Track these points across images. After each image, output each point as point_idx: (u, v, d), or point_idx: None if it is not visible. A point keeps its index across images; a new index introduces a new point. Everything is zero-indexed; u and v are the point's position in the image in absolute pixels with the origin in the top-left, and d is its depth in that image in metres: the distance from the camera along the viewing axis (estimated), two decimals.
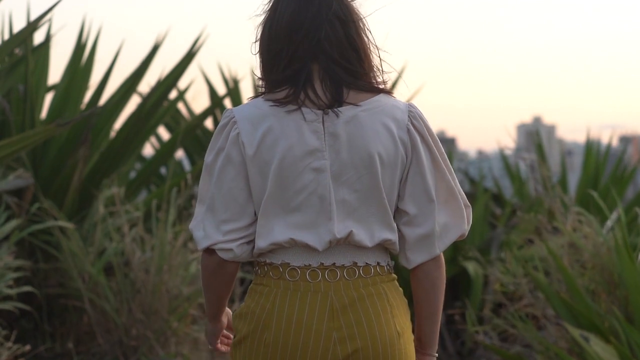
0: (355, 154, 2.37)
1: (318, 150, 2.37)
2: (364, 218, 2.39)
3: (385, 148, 2.38)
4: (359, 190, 2.38)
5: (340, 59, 2.39)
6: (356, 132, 2.37)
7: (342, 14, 2.41)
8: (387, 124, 2.39)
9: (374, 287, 2.40)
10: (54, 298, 5.66)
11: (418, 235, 2.41)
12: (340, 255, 2.40)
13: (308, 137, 2.36)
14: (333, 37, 2.39)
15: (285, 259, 2.40)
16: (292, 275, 2.39)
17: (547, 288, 4.42)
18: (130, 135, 5.96)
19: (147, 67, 6.19)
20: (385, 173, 2.39)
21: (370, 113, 2.38)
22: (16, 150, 4.15)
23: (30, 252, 5.69)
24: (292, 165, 2.36)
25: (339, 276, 2.39)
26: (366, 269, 2.41)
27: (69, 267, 5.44)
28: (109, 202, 5.72)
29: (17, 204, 5.49)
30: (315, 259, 2.39)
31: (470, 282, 7.23)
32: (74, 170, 5.65)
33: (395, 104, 2.41)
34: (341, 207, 2.37)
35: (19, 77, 5.70)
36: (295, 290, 2.38)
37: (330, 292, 2.38)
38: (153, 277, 5.37)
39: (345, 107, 2.38)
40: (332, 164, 2.37)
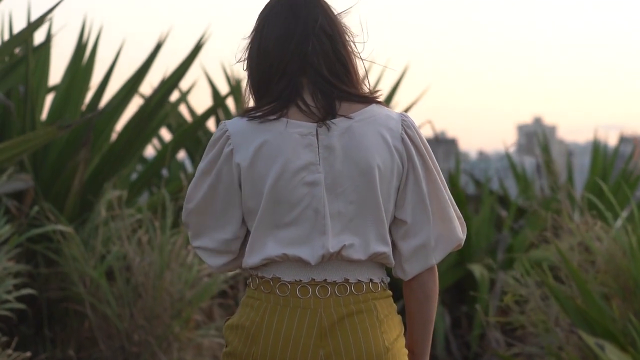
0: (351, 165, 2.38)
1: (312, 164, 2.38)
2: (360, 229, 2.39)
3: (382, 157, 2.39)
4: (355, 201, 2.38)
5: (328, 72, 2.41)
6: (351, 143, 2.38)
7: (329, 28, 2.43)
8: (382, 134, 2.40)
9: (365, 304, 2.40)
10: (55, 303, 5.62)
11: (414, 246, 2.42)
12: (332, 271, 2.40)
13: (302, 151, 2.38)
14: (320, 51, 2.41)
15: (277, 273, 2.41)
16: (283, 290, 2.40)
17: (559, 294, 4.33)
18: (132, 137, 5.92)
19: (148, 67, 6.16)
20: (382, 183, 2.39)
21: (364, 123, 2.40)
22: (17, 153, 4.11)
23: (30, 256, 5.65)
24: (287, 180, 2.37)
25: (329, 293, 2.39)
26: (358, 286, 2.41)
27: (70, 271, 5.41)
28: (110, 205, 5.68)
29: (16, 208, 5.46)
30: (307, 275, 2.40)
31: (476, 286, 7.17)
32: (75, 173, 5.62)
33: (388, 114, 2.44)
34: (336, 219, 2.38)
35: (19, 77, 5.67)
36: (285, 305, 2.40)
37: (320, 309, 2.39)
38: (154, 280, 5.34)
39: (339, 119, 2.39)
40: (326, 176, 2.38)
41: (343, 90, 2.41)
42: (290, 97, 2.40)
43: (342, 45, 2.44)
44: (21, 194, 5.54)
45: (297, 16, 2.44)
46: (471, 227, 7.45)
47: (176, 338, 5.39)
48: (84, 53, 6.17)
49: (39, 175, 5.80)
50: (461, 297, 7.61)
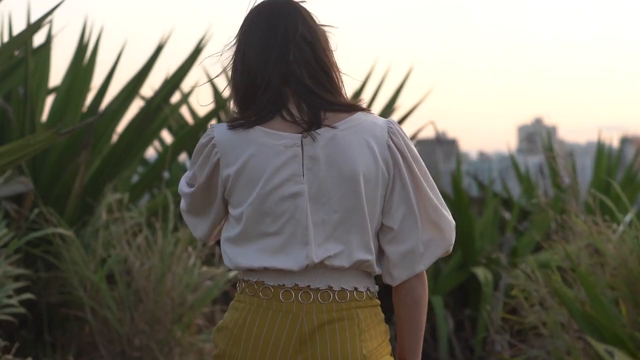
0: (335, 174, 2.40)
1: (296, 175, 2.40)
2: (344, 237, 2.41)
3: (366, 166, 2.40)
4: (339, 210, 2.40)
5: (311, 80, 2.42)
6: (335, 152, 2.40)
7: (309, 35, 2.45)
8: (367, 142, 2.41)
9: (347, 312, 2.41)
10: (55, 307, 5.58)
11: (401, 252, 2.42)
12: (315, 278, 2.41)
13: (286, 163, 2.40)
14: (301, 59, 2.43)
15: (261, 277, 2.43)
16: (266, 293, 2.43)
17: (567, 299, 4.26)
18: (133, 139, 5.89)
19: (150, 69, 6.13)
20: (367, 191, 2.40)
21: (349, 132, 2.41)
22: (16, 159, 4.06)
23: (30, 260, 5.61)
24: (271, 192, 2.40)
25: (312, 299, 2.41)
26: (341, 294, 2.42)
27: (70, 275, 5.37)
28: (111, 208, 5.63)
29: (16, 211, 5.42)
30: (290, 280, 2.41)
31: (479, 289, 7.14)
32: (75, 176, 5.59)
33: (374, 121, 2.44)
34: (321, 228, 2.40)
35: (19, 79, 5.64)
36: (268, 308, 2.42)
37: (302, 314, 2.40)
38: (155, 284, 5.30)
39: (323, 129, 2.40)
40: (310, 186, 2.40)
41: (327, 99, 2.42)
42: (275, 107, 2.42)
43: (323, 52, 2.45)
44: (21, 197, 5.50)
45: (276, 25, 2.45)
46: (474, 229, 7.40)
47: (178, 343, 5.35)
48: (85, 54, 6.15)
49: (38, 178, 5.78)
50: (464, 301, 7.56)
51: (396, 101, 7.45)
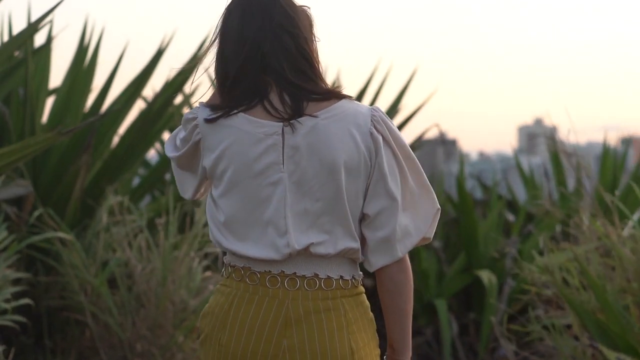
0: (317, 163, 2.41)
1: (275, 163, 2.42)
2: (327, 226, 2.43)
3: (348, 155, 2.41)
4: (321, 199, 2.42)
5: (293, 70, 2.43)
6: (317, 141, 2.41)
7: (288, 24, 2.45)
8: (350, 131, 2.42)
9: (333, 301, 2.44)
10: (55, 312, 5.53)
11: (378, 238, 2.44)
12: (301, 265, 2.44)
13: (266, 151, 2.42)
14: (280, 49, 2.44)
15: (247, 263, 2.46)
16: (252, 279, 2.46)
17: (577, 305, 4.18)
18: (134, 141, 5.84)
19: (152, 70, 6.08)
20: (349, 181, 2.42)
21: (331, 121, 2.42)
22: (15, 160, 4.01)
23: (29, 263, 5.56)
24: (250, 180, 2.43)
25: (298, 285, 2.44)
26: (327, 282, 2.44)
27: (70, 279, 5.32)
28: (112, 210, 5.59)
29: (16, 214, 5.36)
30: (277, 267, 2.44)
31: (484, 292, 7.10)
32: (76, 178, 5.54)
33: (357, 109, 2.45)
34: (303, 217, 2.42)
35: (18, 80, 5.59)
36: (254, 293, 2.45)
37: (288, 300, 2.43)
38: (157, 289, 5.25)
39: (305, 118, 2.42)
40: (291, 175, 2.42)
41: (309, 88, 2.43)
42: (256, 96, 2.43)
43: (304, 41, 2.46)
44: (20, 200, 5.46)
45: (253, 16, 2.46)
46: (479, 232, 7.36)
47: (180, 348, 5.28)
48: (86, 55, 6.10)
49: (38, 181, 5.74)
50: (469, 304, 7.53)
51: (400, 102, 7.41)
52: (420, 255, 7.32)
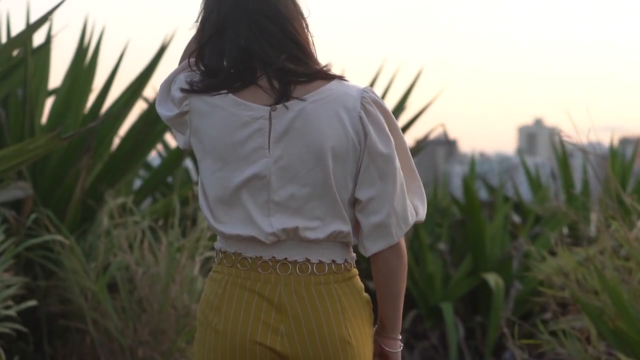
0: (303, 148, 2.40)
1: (261, 147, 2.41)
2: (316, 211, 2.42)
3: (336, 139, 2.40)
4: (309, 184, 2.41)
5: (277, 55, 2.40)
6: (304, 126, 2.40)
7: (267, 9, 2.42)
8: (338, 114, 2.40)
9: (326, 287, 2.44)
10: (55, 317, 5.48)
11: (373, 223, 2.43)
12: (292, 250, 2.44)
13: (252, 134, 2.41)
14: (262, 35, 2.41)
15: (238, 249, 2.46)
16: (244, 264, 2.45)
17: (593, 312, 4.06)
18: (136, 142, 5.79)
19: (153, 69, 6.03)
20: (337, 166, 2.41)
21: (320, 104, 2.40)
22: (14, 165, 3.95)
23: (28, 267, 5.51)
24: (236, 163, 2.43)
25: (290, 270, 2.44)
26: (319, 266, 2.45)
27: (70, 284, 5.26)
28: (113, 213, 5.52)
29: (14, 217, 5.30)
30: (267, 252, 2.44)
31: (490, 296, 7.07)
32: (76, 181, 5.48)
33: (347, 91, 2.43)
34: (290, 201, 2.41)
35: (17, 80, 5.53)
36: (246, 278, 2.45)
37: (280, 285, 2.43)
38: (160, 293, 5.18)
39: (292, 102, 2.40)
40: (277, 160, 2.41)
41: (298, 71, 2.41)
42: (244, 79, 2.42)
43: (287, 22, 2.43)
44: (20, 203, 5.41)
45: (229, 7, 2.43)
46: (485, 234, 7.33)
47: (182, 354, 5.22)
48: (86, 55, 6.06)
49: (38, 183, 5.68)
50: (475, 307, 7.49)
51: (406, 102, 7.38)
52: (426, 258, 7.27)
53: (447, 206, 7.83)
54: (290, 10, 2.45)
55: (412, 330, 7.33)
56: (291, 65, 2.42)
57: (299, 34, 2.44)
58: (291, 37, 2.43)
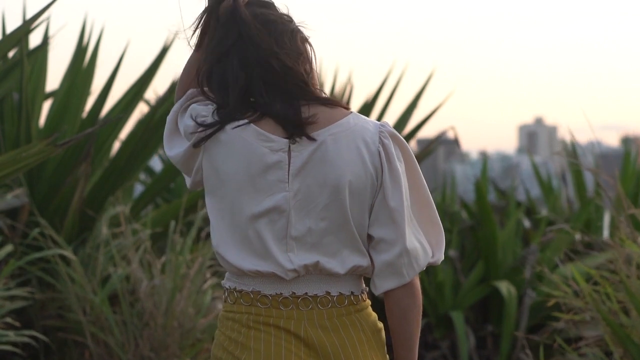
0: (321, 181, 2.40)
1: (280, 180, 2.40)
2: (333, 246, 2.42)
3: (354, 174, 2.40)
4: (326, 218, 2.41)
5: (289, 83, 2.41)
6: (323, 159, 2.40)
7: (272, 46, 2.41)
8: (358, 148, 2.41)
9: (348, 318, 2.45)
10: (52, 331, 5.37)
11: (385, 261, 2.43)
12: (312, 284, 2.43)
13: (271, 167, 2.40)
14: (265, 75, 2.41)
15: (256, 287, 2.44)
16: (264, 302, 2.44)
17: (616, 327, 3.86)
18: (137, 148, 5.68)
19: (155, 71, 5.97)
20: (354, 200, 2.41)
21: (339, 137, 2.41)
22: (9, 173, 3.83)
23: (24, 279, 5.38)
24: (254, 196, 2.40)
25: (311, 305, 2.43)
26: (340, 299, 2.45)
27: (69, 296, 5.18)
28: (113, 222, 5.48)
29: (8, 226, 5.22)
30: (287, 288, 2.43)
31: (502, 304, 6.98)
32: (74, 188, 5.39)
33: (364, 125, 2.43)
34: (307, 236, 2.41)
35: (13, 83, 5.45)
36: (268, 316, 2.43)
37: (304, 320, 2.43)
38: (163, 307, 5.09)
39: (313, 134, 2.40)
40: (296, 194, 2.40)
41: (315, 100, 2.42)
42: (262, 109, 2.40)
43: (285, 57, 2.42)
44: (16, 212, 5.33)
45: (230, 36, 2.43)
46: (497, 241, 7.19)
47: None
48: (85, 56, 6.00)
49: (35, 191, 5.61)
50: (486, 316, 7.37)
51: (416, 105, 7.33)
52: (436, 266, 7.12)
53: (457, 211, 7.74)
54: (284, 43, 2.44)
55: (422, 340, 7.23)
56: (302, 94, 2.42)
57: (297, 66, 2.43)
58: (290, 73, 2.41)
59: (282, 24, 2.46)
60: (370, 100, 7.31)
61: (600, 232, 7.76)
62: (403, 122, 7.32)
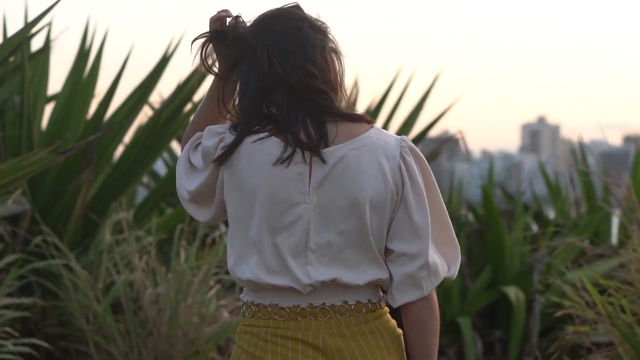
0: (341, 195, 2.41)
1: (301, 193, 2.41)
2: (352, 259, 2.44)
3: (375, 189, 2.42)
4: (345, 231, 2.43)
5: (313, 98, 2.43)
6: (344, 173, 2.42)
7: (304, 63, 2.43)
8: (379, 162, 2.43)
9: (366, 325, 2.47)
10: (54, 340, 5.33)
11: (405, 274, 2.45)
12: (330, 295, 2.45)
13: (292, 179, 2.41)
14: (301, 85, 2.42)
15: (273, 300, 2.46)
16: (281, 314, 2.45)
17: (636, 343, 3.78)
18: (141, 153, 5.65)
19: (159, 74, 5.94)
20: (374, 214, 2.43)
21: (361, 152, 2.43)
22: (10, 182, 3.75)
23: (25, 286, 5.35)
24: (273, 208, 2.42)
25: (329, 315, 2.45)
26: (357, 307, 2.47)
27: (71, 304, 5.14)
28: (116, 228, 5.45)
29: (9, 233, 5.17)
30: (304, 300, 2.45)
31: (510, 309, 6.97)
32: (77, 194, 5.35)
33: (386, 140, 2.46)
34: (326, 249, 2.42)
35: (14, 87, 5.42)
36: (286, 328, 2.45)
37: (322, 329, 2.44)
38: (167, 316, 5.04)
39: (333, 148, 2.42)
40: (315, 206, 2.42)
41: (337, 114, 2.44)
42: (283, 122, 2.42)
43: (323, 72, 2.44)
44: (17, 218, 5.27)
45: (259, 76, 2.43)
46: (504, 245, 7.16)
47: None
48: (87, 59, 6.00)
49: (37, 197, 5.56)
50: (494, 321, 7.33)
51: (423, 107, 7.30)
52: None
53: (464, 215, 7.69)
54: (324, 58, 2.46)
55: None
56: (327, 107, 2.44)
57: (332, 85, 2.46)
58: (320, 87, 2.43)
59: (310, 38, 2.46)
60: (375, 105, 7.29)
61: (609, 237, 7.72)
62: (409, 125, 7.27)
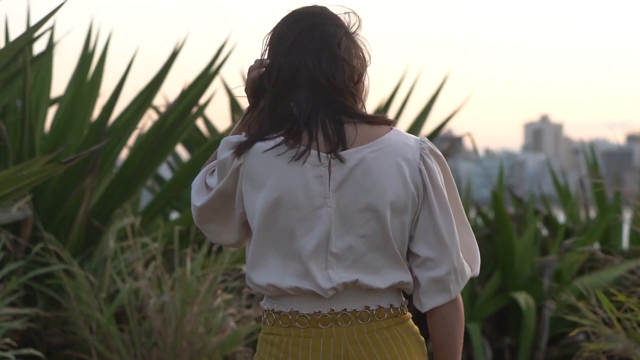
0: (362, 198, 2.40)
1: (321, 195, 2.40)
2: (374, 263, 2.43)
3: (395, 192, 2.41)
4: (366, 235, 2.41)
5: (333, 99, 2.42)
6: (364, 176, 2.41)
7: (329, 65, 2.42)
8: (398, 165, 2.42)
9: (388, 331, 2.46)
10: (57, 350, 5.27)
11: (432, 278, 2.44)
12: (351, 300, 2.44)
13: (312, 182, 2.40)
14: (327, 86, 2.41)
15: (294, 307, 2.45)
16: (302, 322, 2.44)
17: None
18: (145, 157, 5.59)
19: (164, 77, 5.90)
20: (395, 217, 2.42)
21: (380, 154, 2.42)
22: (10, 192, 3.66)
23: (28, 295, 5.30)
24: (292, 211, 2.40)
25: (351, 321, 2.44)
26: (379, 312, 2.46)
27: (74, 313, 5.09)
28: (120, 234, 5.37)
29: (11, 241, 5.11)
30: (325, 306, 2.43)
31: (520, 315, 6.90)
32: (80, 200, 5.30)
33: (406, 142, 2.45)
34: (347, 253, 2.41)
35: (16, 91, 5.36)
36: (307, 337, 2.43)
37: (343, 336, 2.43)
38: (172, 325, 4.97)
39: (353, 150, 2.41)
40: (336, 209, 2.41)
41: (357, 115, 2.43)
42: (301, 125, 2.41)
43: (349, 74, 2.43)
44: (19, 225, 5.21)
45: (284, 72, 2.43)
46: (514, 250, 7.10)
47: None
48: (91, 62, 5.96)
49: (39, 203, 5.50)
50: (504, 328, 7.29)
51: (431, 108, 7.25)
52: None
53: (473, 218, 7.62)
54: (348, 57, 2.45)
55: None
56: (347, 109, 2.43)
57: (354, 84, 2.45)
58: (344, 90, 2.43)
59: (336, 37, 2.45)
60: (382, 106, 7.23)
61: (620, 241, 7.65)
62: (417, 126, 7.23)
